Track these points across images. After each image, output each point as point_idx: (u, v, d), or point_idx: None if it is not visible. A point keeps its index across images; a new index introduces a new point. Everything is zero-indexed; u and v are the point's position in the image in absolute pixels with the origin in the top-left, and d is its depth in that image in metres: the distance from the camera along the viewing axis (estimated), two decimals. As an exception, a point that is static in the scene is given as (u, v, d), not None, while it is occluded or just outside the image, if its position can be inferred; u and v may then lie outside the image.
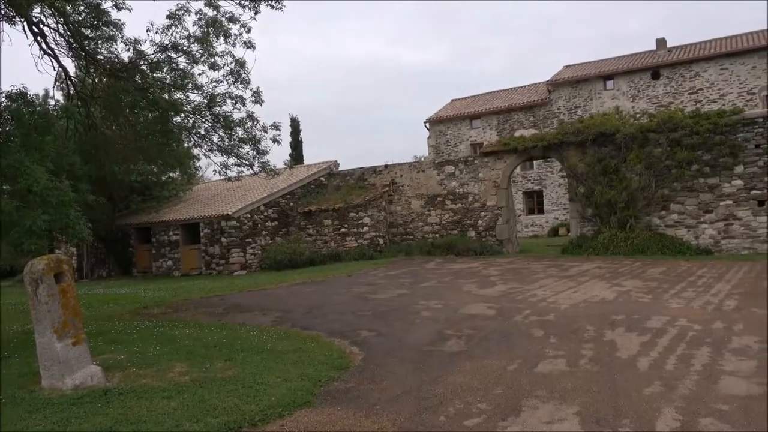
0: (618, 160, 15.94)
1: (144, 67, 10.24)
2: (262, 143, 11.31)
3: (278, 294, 12.26)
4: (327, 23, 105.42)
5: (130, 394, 5.07)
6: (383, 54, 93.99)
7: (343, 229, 19.86)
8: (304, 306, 10.30)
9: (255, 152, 11.40)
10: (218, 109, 10.74)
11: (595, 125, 16.50)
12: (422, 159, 26.44)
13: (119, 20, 9.98)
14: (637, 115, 17.97)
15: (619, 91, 27.84)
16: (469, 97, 35.53)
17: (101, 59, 10.18)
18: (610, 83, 28.25)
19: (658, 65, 26.96)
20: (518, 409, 4.47)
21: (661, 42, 28.62)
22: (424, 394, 4.98)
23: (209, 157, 11.74)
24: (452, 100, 36.06)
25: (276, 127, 11.20)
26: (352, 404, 4.84)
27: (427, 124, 33.67)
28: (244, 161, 11.62)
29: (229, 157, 11.48)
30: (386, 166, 20.83)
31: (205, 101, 10.61)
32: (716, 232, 14.91)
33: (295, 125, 40.54)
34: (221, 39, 10.17)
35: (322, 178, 22.43)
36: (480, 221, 18.57)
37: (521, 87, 33.69)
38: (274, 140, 11.27)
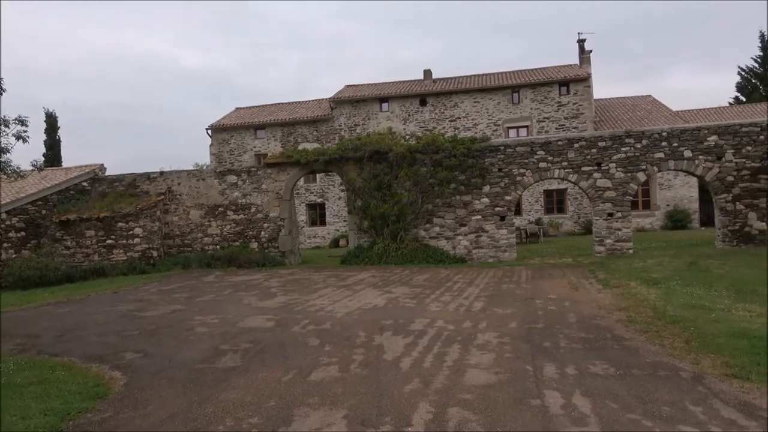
0: (391, 177, 17.33)
1: None
2: (2, 139, 9.56)
3: (22, 317, 10.52)
4: (107, 13, 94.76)
5: None
6: (167, 54, 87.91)
7: (109, 241, 17.90)
8: (56, 329, 9.01)
9: (-8, 150, 9.59)
10: (-60, 94, 8.79)
11: (372, 143, 17.70)
12: (204, 167, 25.28)
13: None
14: (408, 137, 19.87)
15: (393, 113, 30.36)
16: (254, 107, 35.14)
17: None
18: (385, 105, 30.62)
19: (425, 93, 30.13)
20: (290, 419, 4.52)
21: (428, 73, 32.03)
22: (193, 416, 4.73)
23: (-75, 153, 9.54)
24: (237, 108, 35.26)
25: (21, 121, 9.54)
26: (109, 436, 4.36)
27: (210, 132, 32.34)
28: (-25, 160, 9.68)
29: (-46, 154, 9.45)
30: (162, 172, 19.43)
31: None
32: (469, 243, 17.16)
33: (51, 122, 35.46)
34: (-53, 11, 8.39)
35: (84, 184, 19.91)
36: (263, 233, 18.45)
37: (306, 101, 34.51)
38: (19, 137, 9.60)
